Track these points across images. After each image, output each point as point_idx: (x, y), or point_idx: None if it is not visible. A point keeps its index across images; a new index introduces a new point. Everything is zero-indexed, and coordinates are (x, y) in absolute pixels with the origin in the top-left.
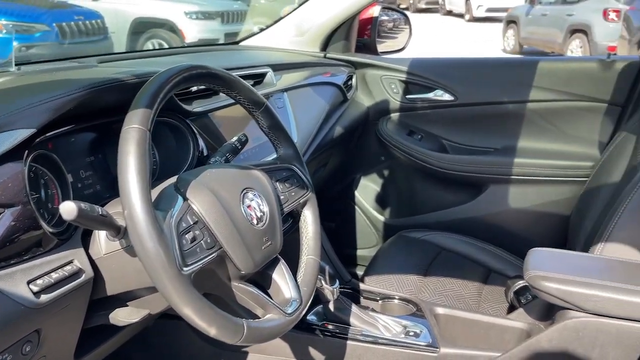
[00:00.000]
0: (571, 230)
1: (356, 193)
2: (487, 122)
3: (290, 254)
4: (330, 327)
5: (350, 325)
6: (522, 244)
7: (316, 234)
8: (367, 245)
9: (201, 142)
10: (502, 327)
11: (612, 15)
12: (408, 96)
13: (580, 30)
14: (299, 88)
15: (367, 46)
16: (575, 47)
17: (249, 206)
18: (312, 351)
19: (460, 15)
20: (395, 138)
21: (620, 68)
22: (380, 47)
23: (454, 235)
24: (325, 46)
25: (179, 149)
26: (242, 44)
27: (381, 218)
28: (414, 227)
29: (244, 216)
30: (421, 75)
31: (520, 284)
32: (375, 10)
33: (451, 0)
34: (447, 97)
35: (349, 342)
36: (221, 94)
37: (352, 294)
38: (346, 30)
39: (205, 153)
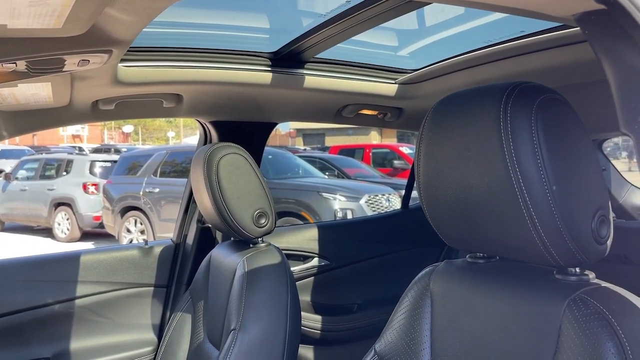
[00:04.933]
0: None
1: None
2: (29, 330)
3: None
4: None
5: None
6: None
7: None
8: None
9: None
10: None
11: (92, 188)
12: None
13: (64, 203)
14: None
15: None
16: (62, 219)
17: None
18: None
19: None
20: None
21: (158, 252)
22: None
23: None
24: None
25: None
26: None
27: None
28: None
29: None
30: None
31: None
32: None
33: None
34: None
35: None
36: None
37: None
38: None
39: None
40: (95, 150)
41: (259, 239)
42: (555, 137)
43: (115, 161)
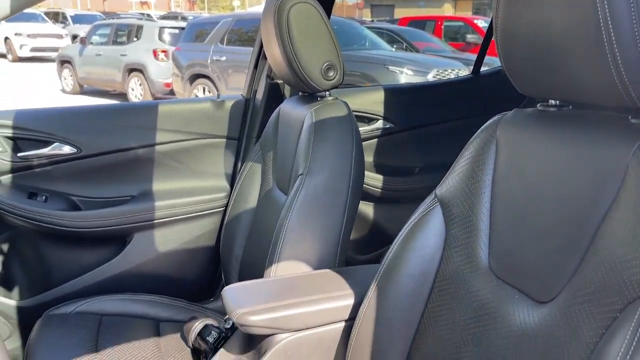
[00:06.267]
0: (223, 256)
1: None
2: (118, 170)
3: None
4: None
5: None
6: (178, 284)
7: None
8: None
9: None
10: None
11: (162, 55)
12: (20, 154)
13: (136, 69)
14: None
15: None
16: (135, 85)
17: None
18: None
19: (3, 56)
20: (12, 204)
21: (229, 107)
22: None
23: (109, 296)
24: None
25: None
26: None
27: (11, 303)
28: (61, 301)
29: None
30: (32, 129)
31: (198, 325)
32: None
33: None
34: (67, 149)
35: None
36: None
37: None
38: None
39: None
40: (163, 18)
41: (327, 93)
42: None
43: (183, 28)
